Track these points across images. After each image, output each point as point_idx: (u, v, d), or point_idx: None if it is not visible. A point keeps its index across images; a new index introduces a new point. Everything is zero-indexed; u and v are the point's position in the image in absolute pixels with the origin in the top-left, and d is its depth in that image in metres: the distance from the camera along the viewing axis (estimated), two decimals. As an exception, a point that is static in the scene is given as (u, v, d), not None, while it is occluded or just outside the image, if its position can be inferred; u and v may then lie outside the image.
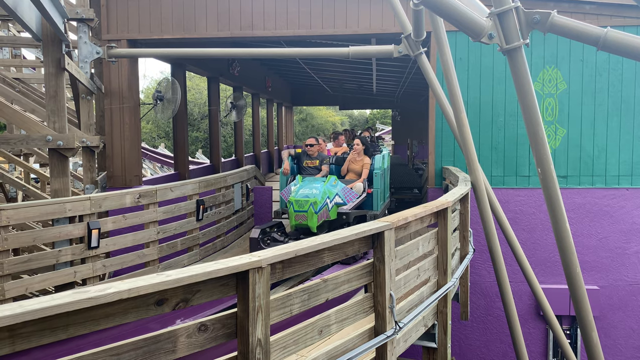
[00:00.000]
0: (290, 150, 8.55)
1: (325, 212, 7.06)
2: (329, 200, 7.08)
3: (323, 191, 7.07)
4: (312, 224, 6.98)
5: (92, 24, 8.02)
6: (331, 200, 7.09)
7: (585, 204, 8.64)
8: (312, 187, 7.19)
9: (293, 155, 8.45)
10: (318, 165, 8.25)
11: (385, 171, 9.22)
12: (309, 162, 8.35)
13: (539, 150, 4.19)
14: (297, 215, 6.99)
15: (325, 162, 8.30)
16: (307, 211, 6.95)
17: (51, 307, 1.69)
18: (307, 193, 7.08)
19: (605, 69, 8.53)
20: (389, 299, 3.34)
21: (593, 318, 4.67)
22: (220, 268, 2.23)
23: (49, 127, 6.64)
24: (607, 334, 8.58)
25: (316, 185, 7.22)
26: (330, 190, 7.20)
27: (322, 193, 7.04)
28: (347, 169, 8.26)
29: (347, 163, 8.25)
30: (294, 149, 8.57)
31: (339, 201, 7.23)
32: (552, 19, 3.90)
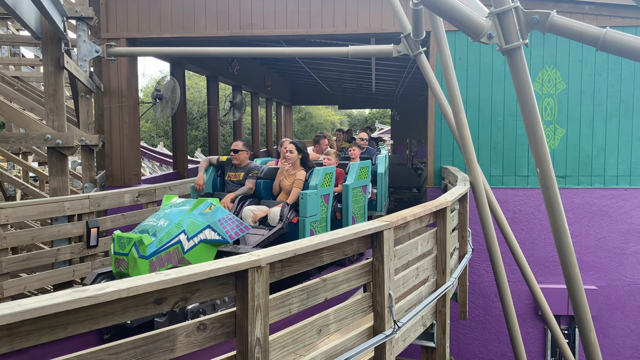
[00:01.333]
0: (212, 158, 6.49)
1: (172, 255, 4.41)
2: (187, 235, 4.44)
3: (177, 222, 4.44)
4: (136, 273, 4.29)
5: (91, 22, 8.01)
6: (192, 236, 4.46)
7: (583, 204, 8.65)
8: (167, 215, 4.64)
9: (215, 164, 6.38)
10: (242, 179, 6.12)
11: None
12: (232, 174, 6.23)
13: (537, 150, 4.20)
14: (116, 259, 4.48)
15: (252, 175, 6.10)
16: (127, 254, 4.38)
17: (50, 306, 1.69)
18: (149, 225, 4.58)
19: (604, 69, 8.53)
20: (387, 298, 3.35)
21: (591, 318, 4.68)
22: (219, 267, 2.23)
23: (48, 125, 6.63)
24: (605, 334, 8.60)
25: (174, 212, 4.65)
26: (194, 221, 4.56)
27: (173, 226, 4.41)
28: (279, 187, 6.03)
29: (278, 178, 6.07)
30: (218, 157, 6.47)
31: (213, 237, 4.63)
32: (551, 19, 3.90)
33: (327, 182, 5.95)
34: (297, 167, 5.98)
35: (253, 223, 5.51)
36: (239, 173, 6.18)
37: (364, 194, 6.86)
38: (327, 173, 5.94)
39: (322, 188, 5.82)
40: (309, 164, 6.03)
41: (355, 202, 6.58)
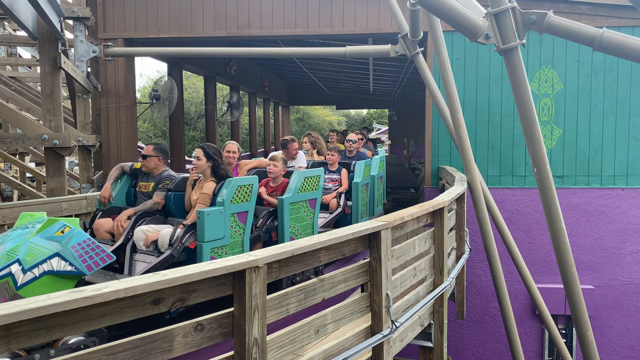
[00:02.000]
0: (125, 165, 5.35)
1: None
2: (22, 266, 3.39)
3: (10, 249, 3.46)
4: None
5: (88, 22, 8.01)
6: (30, 267, 3.40)
7: (581, 204, 8.67)
8: (4, 239, 3.64)
9: (128, 172, 5.31)
10: (151, 191, 5.04)
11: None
12: (142, 184, 5.20)
13: (535, 150, 4.21)
14: None
15: (162, 186, 5.02)
16: None
17: (47, 306, 1.69)
18: None
19: (601, 69, 8.56)
20: (385, 298, 3.35)
21: (588, 317, 4.69)
22: (217, 267, 2.23)
23: (45, 126, 6.62)
24: (602, 333, 8.62)
25: (13, 236, 3.63)
26: (36, 248, 3.51)
27: (4, 254, 3.44)
28: (189, 201, 4.85)
29: (187, 190, 4.89)
30: (132, 164, 5.36)
31: (63, 269, 3.54)
32: (548, 19, 3.91)
33: (243, 196, 4.52)
34: (208, 178, 4.66)
35: (145, 247, 4.43)
36: (149, 183, 5.12)
37: (313, 210, 5.52)
38: (244, 185, 4.51)
39: (236, 204, 4.47)
40: (221, 173, 4.65)
41: (297, 219, 5.29)
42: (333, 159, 7.07)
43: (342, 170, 7.03)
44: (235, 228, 4.51)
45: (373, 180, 7.56)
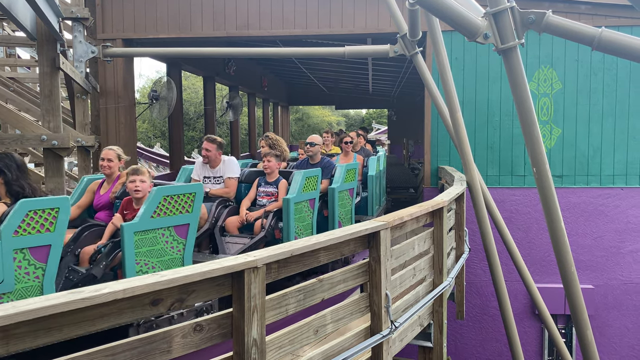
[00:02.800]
0: None
1: None
2: None
3: None
4: None
5: (87, 23, 7.99)
6: None
7: (580, 204, 8.67)
8: None
9: None
10: None
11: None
12: None
13: (534, 150, 4.21)
14: None
15: None
16: None
17: (45, 307, 1.68)
18: None
19: (600, 69, 8.56)
20: (384, 298, 3.35)
21: (588, 317, 4.69)
22: (216, 268, 2.22)
23: (44, 126, 6.61)
24: (601, 333, 8.62)
25: None
26: None
27: None
28: None
29: None
30: None
31: None
32: (547, 18, 3.91)
33: None
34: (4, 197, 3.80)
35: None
36: None
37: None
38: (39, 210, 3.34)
39: None
40: (16, 190, 3.70)
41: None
42: (270, 167, 5.77)
43: (281, 182, 5.77)
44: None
45: (334, 195, 6.17)
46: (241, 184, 5.91)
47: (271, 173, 5.80)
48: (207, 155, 5.70)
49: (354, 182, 6.35)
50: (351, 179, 6.35)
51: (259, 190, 5.82)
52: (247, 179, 6.00)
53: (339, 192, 5.97)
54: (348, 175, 6.25)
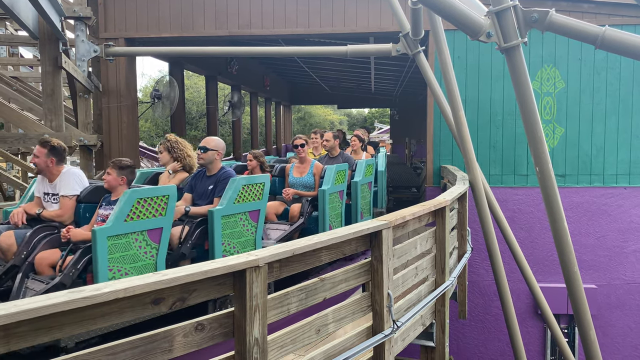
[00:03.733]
0: None
1: None
2: None
3: None
4: None
5: (89, 22, 8.00)
6: None
7: (583, 203, 8.65)
8: None
9: None
10: None
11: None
12: None
13: (537, 149, 4.19)
14: None
15: None
16: None
17: (46, 306, 1.68)
18: None
19: (604, 67, 8.53)
20: (386, 298, 3.34)
21: (591, 317, 4.67)
22: (217, 267, 2.22)
23: (46, 125, 6.63)
24: (604, 333, 8.60)
25: None
26: None
27: None
28: None
29: None
30: None
31: None
32: (550, 17, 3.89)
33: None
34: None
35: None
36: None
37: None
38: None
39: None
40: None
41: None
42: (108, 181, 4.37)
43: None
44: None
45: None
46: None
47: None
48: (36, 164, 4.40)
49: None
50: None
51: None
52: None
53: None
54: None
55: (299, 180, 6.22)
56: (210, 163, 4.82)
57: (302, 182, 6.19)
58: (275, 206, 5.87)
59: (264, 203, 4.54)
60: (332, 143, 7.05)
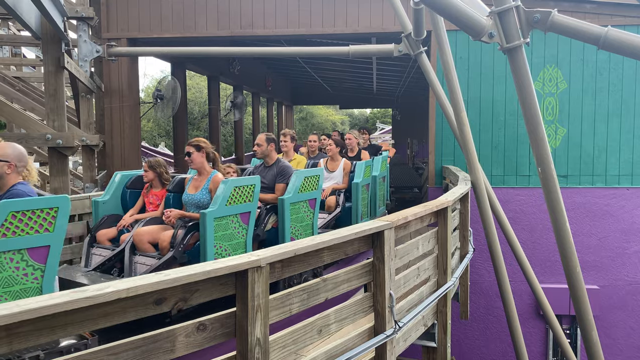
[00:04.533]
0: None
1: None
2: None
3: None
4: None
5: (91, 22, 8.01)
6: None
7: (585, 204, 8.63)
8: None
9: None
10: None
11: None
12: None
13: (539, 150, 4.19)
14: None
15: None
16: None
17: (48, 306, 1.68)
18: None
19: (606, 68, 8.52)
20: (388, 298, 3.34)
21: (593, 317, 4.67)
22: (219, 267, 2.22)
23: (49, 125, 6.63)
24: (607, 334, 8.58)
25: None
26: None
27: None
28: None
29: None
30: None
31: None
32: (552, 18, 3.89)
33: None
34: None
35: None
36: None
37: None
38: None
39: None
40: None
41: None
42: None
43: None
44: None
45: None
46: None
47: None
48: None
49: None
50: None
51: None
52: None
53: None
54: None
55: (191, 197, 4.70)
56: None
57: (194, 200, 4.68)
58: (153, 232, 4.51)
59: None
60: (264, 148, 5.42)
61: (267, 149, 5.44)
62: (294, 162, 6.44)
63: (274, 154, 5.52)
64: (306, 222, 5.22)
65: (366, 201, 6.96)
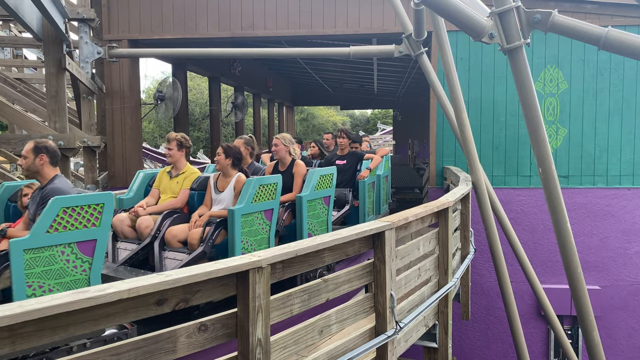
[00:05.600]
0: None
1: None
2: None
3: None
4: None
5: (93, 24, 8.03)
6: None
7: (586, 204, 8.63)
8: None
9: None
10: None
11: None
12: None
13: (540, 150, 4.19)
14: None
15: None
16: None
17: (51, 307, 1.69)
18: None
19: (607, 68, 8.51)
20: (389, 299, 3.34)
21: (594, 318, 4.66)
22: (221, 268, 2.22)
23: (50, 127, 6.65)
24: (608, 334, 8.57)
25: None
26: None
27: None
28: None
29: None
30: None
31: None
32: (553, 18, 3.89)
33: None
34: None
35: None
36: None
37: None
38: None
39: None
40: None
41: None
42: None
43: None
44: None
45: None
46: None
47: None
48: None
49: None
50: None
51: None
52: None
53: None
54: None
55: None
56: None
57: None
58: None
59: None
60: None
61: None
62: None
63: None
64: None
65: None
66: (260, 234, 4.60)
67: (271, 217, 4.68)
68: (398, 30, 7.89)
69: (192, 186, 5.01)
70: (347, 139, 7.05)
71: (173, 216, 4.72)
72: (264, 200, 4.56)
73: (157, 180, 5.18)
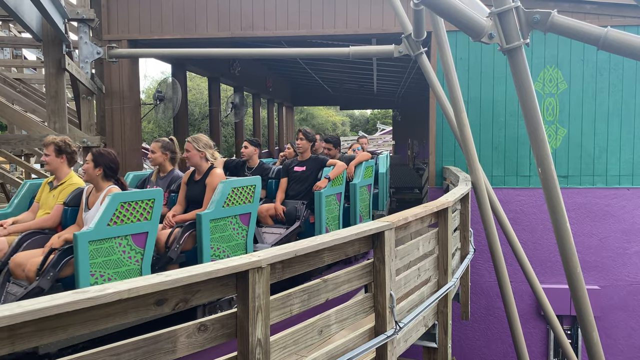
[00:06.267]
0: None
1: None
2: None
3: None
4: None
5: (92, 24, 8.03)
6: None
7: (586, 204, 8.63)
8: None
9: None
10: None
11: None
12: None
13: (539, 150, 4.19)
14: None
15: None
16: None
17: (50, 307, 1.69)
18: None
19: (606, 68, 8.52)
20: (389, 299, 3.34)
21: (594, 318, 4.67)
22: (220, 268, 2.23)
23: (50, 127, 6.65)
24: (608, 334, 8.58)
25: None
26: None
27: None
28: None
29: None
30: None
31: None
32: (552, 18, 3.90)
33: None
34: None
35: None
36: None
37: None
38: None
39: None
40: None
41: None
42: None
43: None
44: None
45: None
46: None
47: None
48: None
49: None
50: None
51: None
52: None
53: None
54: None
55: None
56: None
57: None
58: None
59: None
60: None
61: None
62: None
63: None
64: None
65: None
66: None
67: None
68: (397, 30, 7.89)
69: (65, 201, 4.19)
70: (305, 141, 6.14)
71: (32, 238, 3.89)
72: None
73: (39, 191, 4.40)
